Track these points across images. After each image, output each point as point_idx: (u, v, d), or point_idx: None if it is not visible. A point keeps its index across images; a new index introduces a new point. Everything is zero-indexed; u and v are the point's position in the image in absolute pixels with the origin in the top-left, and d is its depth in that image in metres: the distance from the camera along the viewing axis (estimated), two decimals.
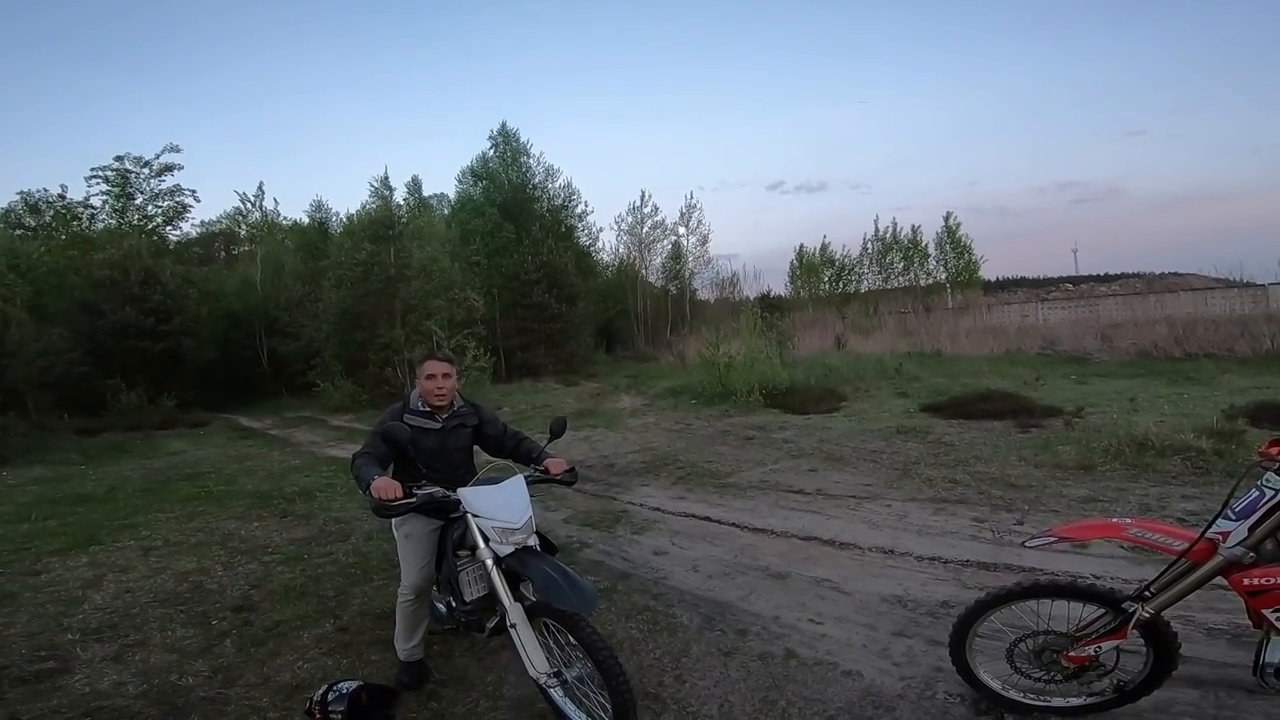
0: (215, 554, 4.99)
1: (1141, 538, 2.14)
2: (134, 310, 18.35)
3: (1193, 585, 2.05)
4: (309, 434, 13.18)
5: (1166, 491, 4.89)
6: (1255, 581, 1.92)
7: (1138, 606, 2.10)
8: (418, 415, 2.90)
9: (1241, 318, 16.70)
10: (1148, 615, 2.09)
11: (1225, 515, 1.99)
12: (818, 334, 20.46)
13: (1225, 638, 2.74)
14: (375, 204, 21.35)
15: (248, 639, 3.46)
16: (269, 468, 9.01)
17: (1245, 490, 2.00)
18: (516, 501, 2.58)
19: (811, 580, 3.84)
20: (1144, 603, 2.11)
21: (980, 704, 2.45)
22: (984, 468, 5.97)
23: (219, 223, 33.81)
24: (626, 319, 30.86)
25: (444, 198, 31.50)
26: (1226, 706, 2.33)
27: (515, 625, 2.41)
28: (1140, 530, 2.15)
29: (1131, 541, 2.17)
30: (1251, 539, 1.93)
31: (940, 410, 8.81)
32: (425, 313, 17.26)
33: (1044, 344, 16.55)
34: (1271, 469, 1.95)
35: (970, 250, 33.25)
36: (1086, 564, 3.55)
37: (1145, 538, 2.13)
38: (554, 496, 5.98)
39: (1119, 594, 2.21)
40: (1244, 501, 1.97)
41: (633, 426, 10.20)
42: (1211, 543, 1.99)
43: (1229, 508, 2.00)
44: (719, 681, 2.79)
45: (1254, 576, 1.92)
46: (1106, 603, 2.21)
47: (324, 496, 6.82)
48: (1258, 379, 10.24)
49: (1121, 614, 2.15)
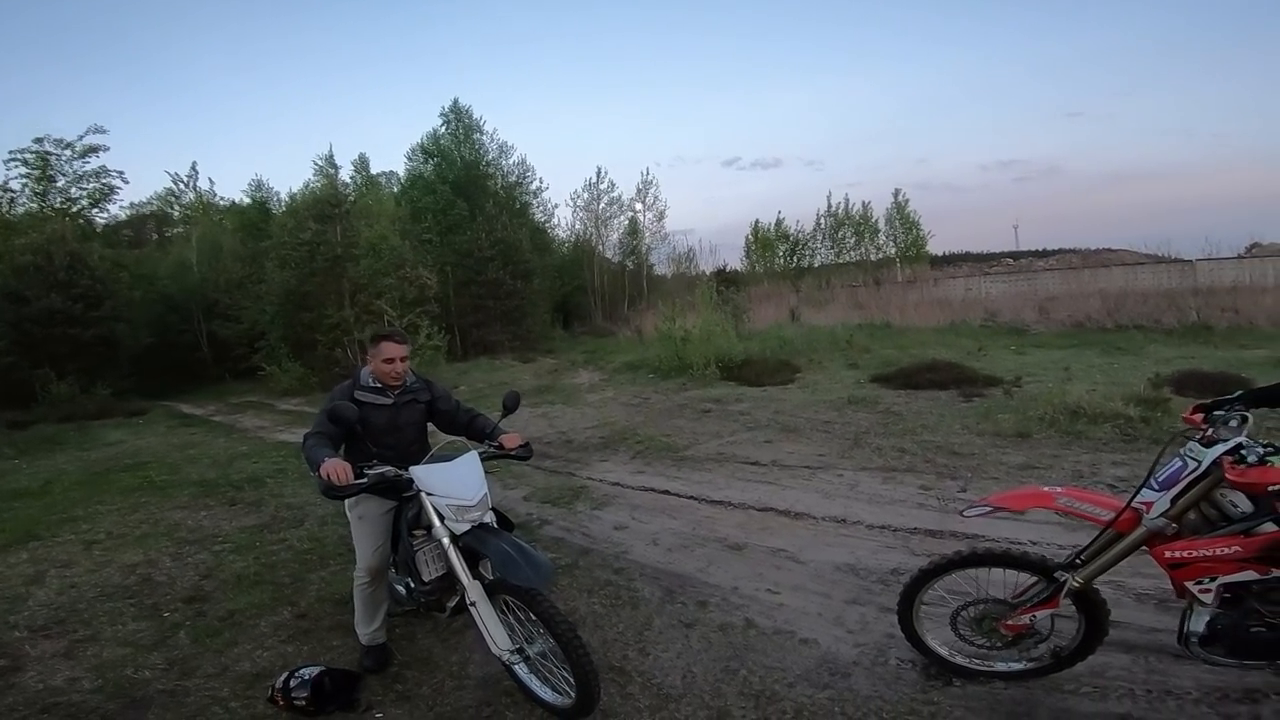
0: (162, 545, 4.84)
1: (1070, 507, 2.19)
2: (60, 296, 17.36)
3: (1119, 555, 2.11)
4: (256, 419, 12.76)
5: (1098, 458, 5.16)
6: (1176, 554, 1.96)
7: (1068, 576, 2.17)
8: (368, 391, 2.85)
9: (1169, 291, 17.60)
10: (1078, 584, 2.15)
11: (1149, 485, 2.03)
12: (772, 307, 20.76)
13: (1153, 603, 2.88)
14: (320, 182, 20.55)
15: (202, 630, 3.40)
16: (214, 455, 8.71)
17: (1169, 459, 2.04)
18: (470, 478, 2.57)
19: (768, 551, 3.95)
20: (1074, 571, 2.17)
21: (930, 669, 2.56)
22: (930, 436, 6.19)
23: (150, 204, 31.98)
24: (584, 295, 30.66)
25: (393, 176, 30.53)
26: (1156, 671, 2.45)
27: (475, 603, 2.42)
28: (1069, 500, 2.20)
29: (1061, 511, 2.22)
30: (1174, 510, 1.97)
31: (889, 381, 9.07)
32: (375, 292, 16.80)
33: (986, 316, 17.16)
34: (1194, 438, 2.01)
35: (918, 226, 34.15)
36: (1024, 530, 3.72)
37: (1074, 507, 2.19)
38: (512, 474, 5.97)
39: (1051, 563, 2.28)
40: (1167, 471, 2.01)
41: (591, 402, 10.21)
42: (1136, 513, 2.04)
43: (1153, 477, 2.04)
44: (681, 653, 2.86)
45: (1175, 549, 1.96)
46: (1039, 571, 2.28)
47: (274, 483, 6.64)
48: (1183, 349, 10.84)
49: (1053, 583, 2.22)
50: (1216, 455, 1.89)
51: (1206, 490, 1.94)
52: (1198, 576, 1.94)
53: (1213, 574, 1.92)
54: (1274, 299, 14.33)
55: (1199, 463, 1.93)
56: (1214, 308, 14.33)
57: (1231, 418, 1.97)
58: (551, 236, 31.93)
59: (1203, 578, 1.94)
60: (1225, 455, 1.87)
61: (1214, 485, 1.92)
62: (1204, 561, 1.92)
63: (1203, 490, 1.94)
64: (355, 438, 2.77)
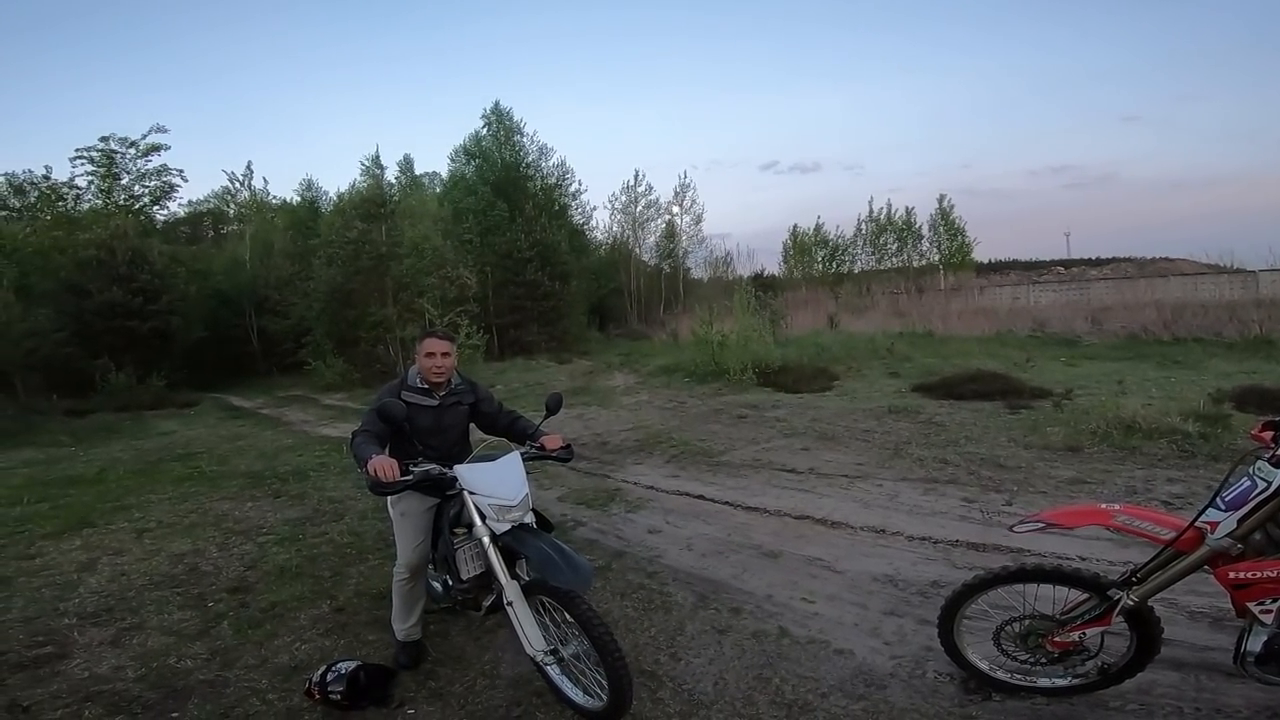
0: (209, 535, 4.98)
1: (1129, 525, 2.11)
2: (121, 290, 18.19)
3: (1179, 574, 2.03)
4: (301, 413, 13.09)
5: (1152, 474, 4.95)
6: (1242, 575, 1.90)
7: (1123, 594, 2.09)
8: (415, 392, 2.89)
9: (1230, 303, 16.84)
10: (1133, 602, 2.08)
11: (1215, 505, 1.95)
12: (810, 313, 20.54)
13: (1207, 621, 2.77)
14: (366, 183, 21.08)
15: (245, 621, 3.47)
16: (261, 447, 8.98)
17: (1237, 478, 1.96)
18: (512, 478, 2.58)
19: (804, 559, 3.88)
20: (1129, 589, 2.10)
21: (969, 683, 2.49)
22: (974, 448, 6.02)
23: (207, 202, 33.43)
24: (620, 297, 30.81)
25: (436, 176, 31.25)
26: (1206, 689, 2.36)
27: (512, 603, 2.42)
28: (1128, 518, 2.12)
29: (1119, 529, 2.14)
30: (1240, 531, 1.91)
31: (931, 390, 8.87)
32: (417, 291, 17.17)
33: (1034, 326, 16.66)
34: (1264, 456, 1.92)
35: (963, 232, 33.44)
36: (1073, 545, 3.59)
37: (1133, 525, 2.10)
38: (548, 475, 6.00)
39: (1104, 580, 2.20)
40: (1235, 491, 1.93)
41: (626, 404, 10.22)
42: (1199, 532, 1.97)
43: (1220, 497, 1.96)
44: (714, 659, 2.83)
45: (1240, 570, 1.91)
46: (1091, 589, 2.20)
47: (317, 476, 6.80)
48: (1244, 364, 10.34)
49: (1106, 600, 2.14)
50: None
51: (1275, 511, 1.86)
52: (1260, 598, 1.89)
53: (1276, 595, 1.87)
54: None
55: (1269, 483, 1.85)
56: (1278, 321, 13.64)
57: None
58: (589, 238, 32.20)
59: (1265, 599, 1.88)
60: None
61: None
62: (1270, 583, 1.86)
63: (1271, 511, 1.86)
64: (401, 437, 2.81)
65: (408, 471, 2.49)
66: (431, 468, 2.56)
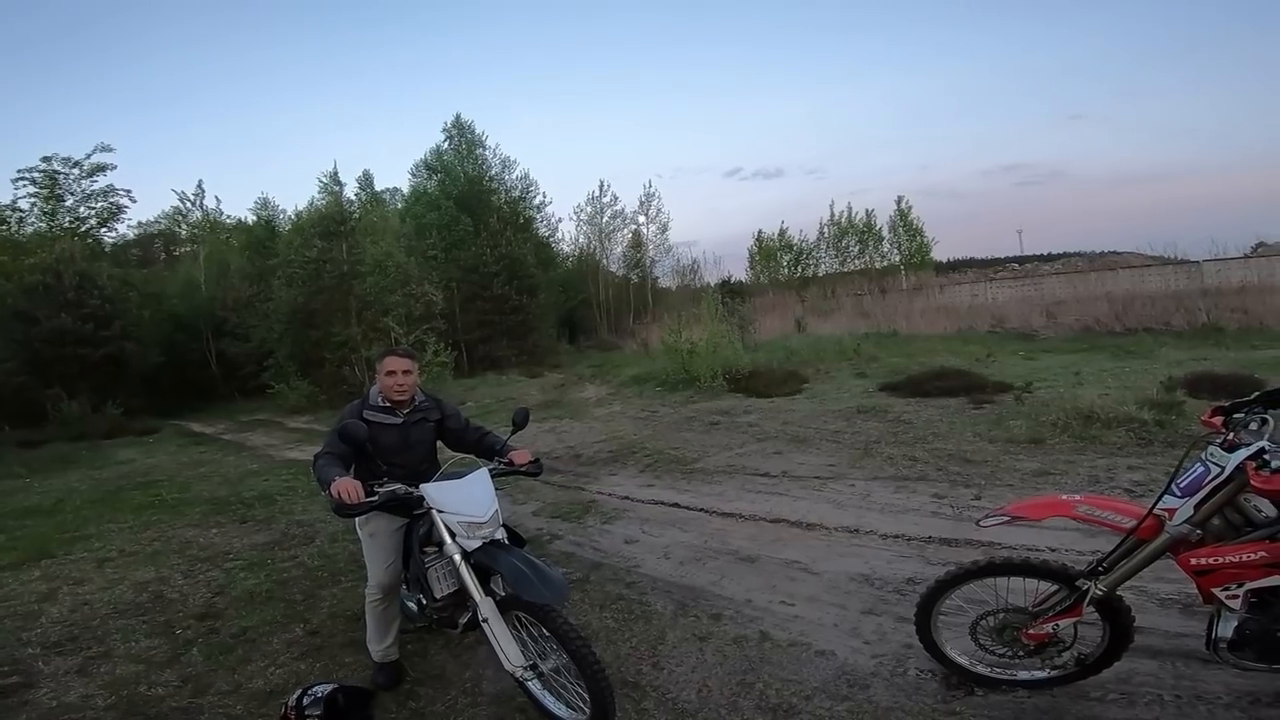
0: (174, 562, 4.87)
1: (1090, 515, 2.14)
2: (70, 316, 17.56)
3: (1143, 563, 2.06)
4: (265, 437, 12.80)
5: (1113, 463, 5.11)
6: (1202, 561, 1.92)
7: (1090, 584, 2.12)
8: (378, 411, 2.86)
9: (1177, 293, 17.53)
10: (1101, 592, 2.11)
11: (1171, 491, 1.99)
12: (778, 317, 20.76)
13: (1178, 608, 2.82)
14: (325, 200, 20.71)
15: (215, 647, 3.40)
16: (225, 473, 8.74)
17: (1190, 464, 2.00)
18: (481, 495, 2.57)
19: (781, 562, 3.91)
20: (1097, 579, 2.12)
21: (951, 680, 2.52)
22: (941, 444, 6.14)
23: (158, 223, 32.36)
24: (589, 308, 30.76)
25: (397, 192, 30.83)
26: (1185, 677, 2.40)
27: (487, 620, 2.41)
28: (1089, 508, 2.15)
29: (1081, 519, 2.18)
30: (1198, 517, 1.93)
31: (898, 389, 9.02)
32: (382, 309, 16.89)
33: (993, 322, 17.14)
34: (1216, 442, 1.96)
35: (922, 233, 34.05)
36: (1043, 537, 3.67)
37: (1094, 515, 2.14)
38: (522, 489, 5.95)
39: (1072, 571, 2.23)
40: (1189, 477, 1.96)
41: (598, 416, 10.19)
42: (1159, 519, 2.00)
43: (1175, 483, 1.99)
44: (696, 666, 2.83)
45: (1201, 556, 1.92)
46: (1060, 580, 2.23)
47: (285, 500, 6.65)
48: (1194, 351, 10.75)
49: (1075, 591, 2.17)
50: (1239, 460, 1.85)
51: (1230, 496, 1.90)
52: (1225, 583, 1.90)
53: (1240, 580, 1.88)
54: None
55: (1222, 468, 1.89)
56: (1223, 309, 14.25)
57: (1251, 420, 1.94)
58: (556, 251, 32.13)
59: (1230, 584, 1.90)
60: (1248, 460, 1.83)
61: (1238, 491, 1.88)
62: (1230, 568, 1.88)
63: (1226, 496, 1.90)
64: (366, 457, 2.78)
65: (373, 492, 2.47)
66: (397, 487, 2.54)
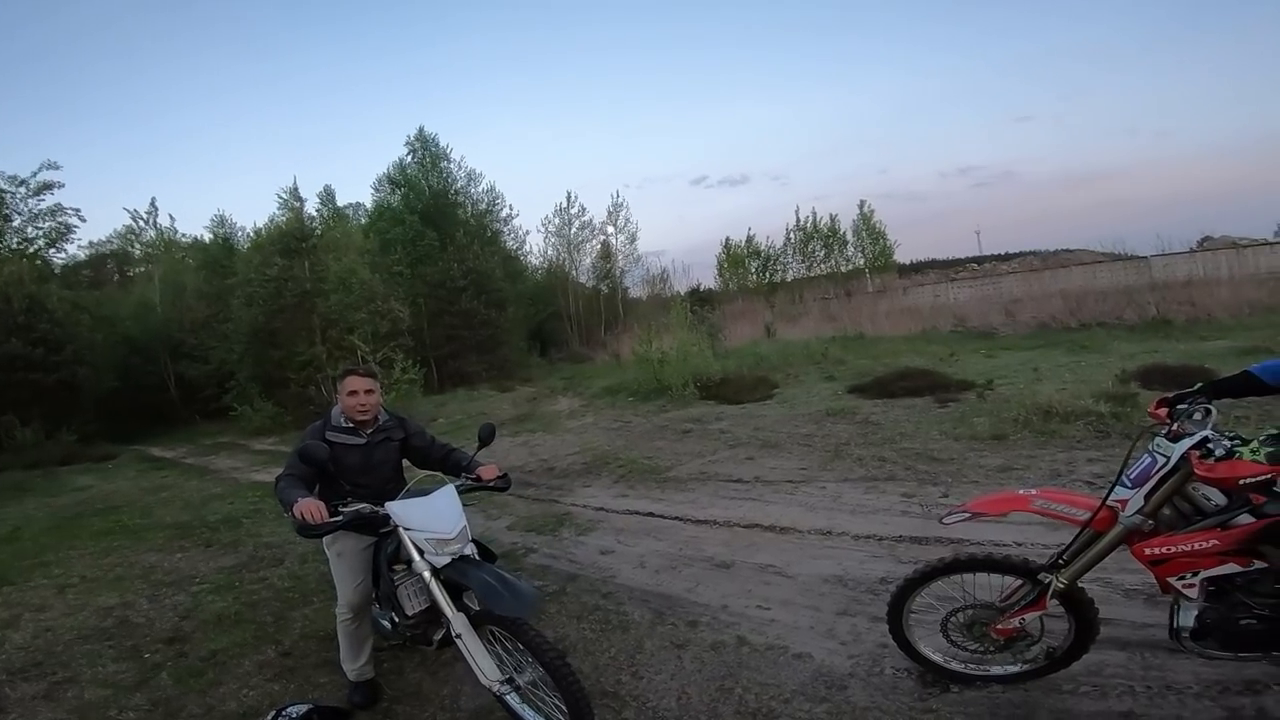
0: (137, 588, 4.78)
1: (1046, 509, 2.19)
2: (20, 341, 16.92)
3: (1100, 554, 2.10)
4: (229, 460, 12.51)
5: (1073, 456, 5.27)
6: (1156, 551, 1.95)
7: (1052, 577, 2.16)
8: (340, 432, 2.85)
9: (1127, 288, 18.14)
10: (1062, 585, 2.14)
11: (1122, 483, 2.03)
12: (748, 324, 20.91)
13: (1142, 598, 2.87)
14: (285, 216, 20.33)
15: (185, 670, 3.34)
16: (187, 497, 8.55)
17: (1139, 456, 2.04)
18: (448, 511, 2.57)
19: (756, 567, 3.94)
20: (1057, 572, 2.16)
21: (926, 677, 2.55)
22: (908, 444, 6.26)
23: (109, 243, 31.35)
24: (559, 321, 30.62)
25: (360, 207, 30.37)
26: (1154, 667, 2.44)
27: (460, 635, 2.40)
28: (1045, 502, 2.19)
29: (1038, 513, 2.22)
30: (1148, 507, 1.97)
31: (865, 390, 9.16)
32: (347, 327, 16.61)
33: (955, 322, 17.53)
34: (1161, 433, 2.02)
35: (885, 236, 34.82)
36: (1009, 532, 3.75)
37: (1050, 509, 2.18)
38: (495, 504, 5.90)
39: (1034, 565, 2.27)
40: (1138, 468, 2.01)
41: (571, 428, 10.15)
42: (1112, 511, 2.04)
43: (1125, 475, 2.04)
44: (675, 674, 2.84)
45: (1154, 546, 1.96)
46: (1023, 574, 2.27)
47: (251, 523, 6.53)
48: (1145, 344, 11.12)
49: (1038, 585, 2.20)
50: (1184, 450, 1.90)
51: (1178, 485, 1.94)
52: (1180, 572, 1.93)
53: (1194, 568, 1.92)
54: (1228, 291, 14.83)
55: (1168, 458, 1.93)
56: (1171, 302, 14.75)
57: (1195, 411, 1.99)
58: (524, 264, 31.97)
59: (1185, 573, 1.93)
60: (1192, 450, 1.88)
61: (1185, 480, 1.93)
62: (1184, 557, 1.91)
63: (1174, 485, 1.95)
64: (329, 477, 2.76)
65: (337, 512, 2.45)
66: (362, 507, 2.52)
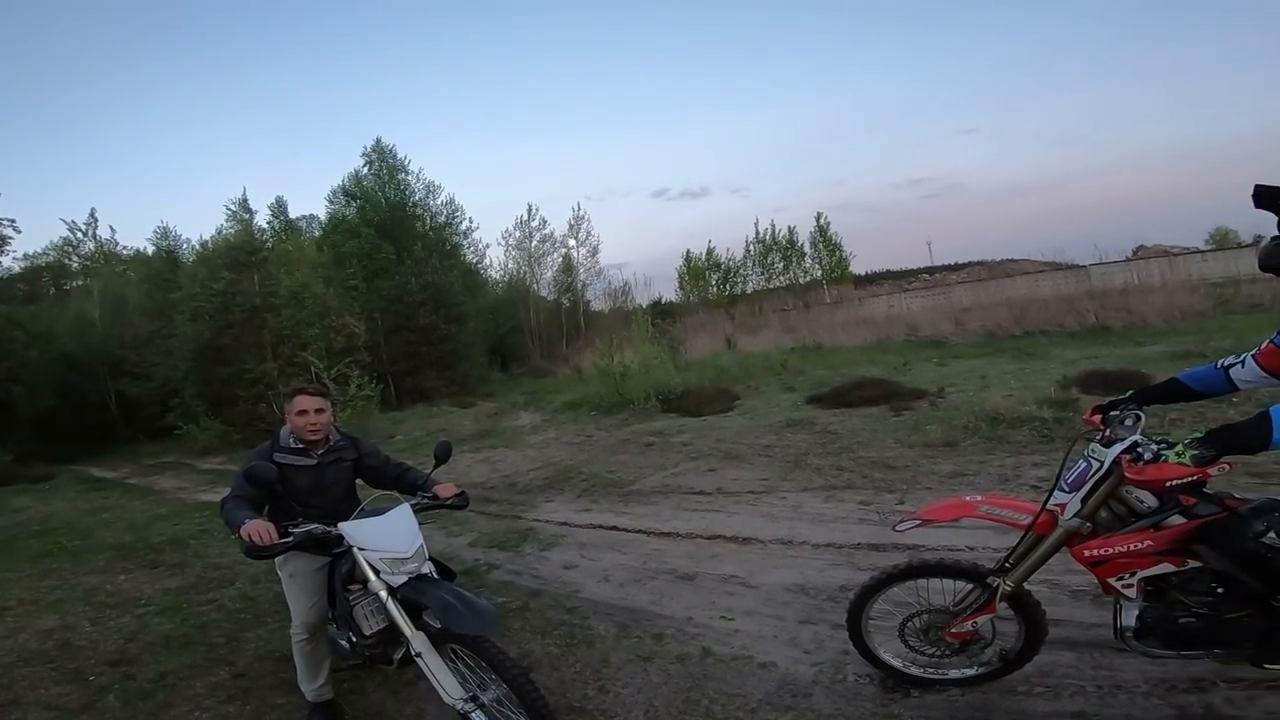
0: (79, 610, 4.62)
1: (991, 514, 2.25)
2: None
3: (1043, 557, 2.18)
4: (174, 480, 12.07)
5: (1020, 461, 5.46)
6: (1094, 553, 2.02)
7: (1000, 580, 2.23)
8: (289, 453, 2.79)
9: (1067, 296, 18.94)
10: (1009, 588, 2.21)
11: (1060, 487, 2.11)
12: (709, 336, 21.13)
13: (1089, 599, 2.96)
14: (234, 228, 19.77)
15: (133, 692, 3.23)
16: (130, 518, 8.27)
17: (1075, 461, 2.14)
18: (404, 530, 2.54)
19: (719, 578, 3.98)
20: (1004, 576, 2.23)
21: (887, 682, 2.60)
22: (865, 452, 6.40)
23: (45, 255, 30.02)
24: (520, 335, 30.41)
25: (314, 219, 29.76)
26: (1103, 666, 2.51)
27: (420, 654, 2.36)
28: (990, 507, 2.26)
29: (983, 519, 2.29)
30: (1085, 510, 2.05)
31: (823, 401, 9.31)
32: (300, 343, 16.18)
33: (909, 331, 18.02)
34: (1095, 438, 2.11)
35: (841, 248, 35.64)
36: (962, 536, 3.84)
37: (995, 514, 2.25)
38: (456, 520, 5.81)
39: (983, 569, 2.34)
40: (1074, 473, 2.10)
41: (533, 443, 10.08)
42: (1052, 515, 2.12)
43: (1063, 480, 2.11)
44: (641, 687, 2.84)
45: (1092, 547, 2.03)
46: (973, 578, 2.33)
47: (198, 544, 6.34)
48: (1085, 350, 11.58)
49: (988, 588, 2.27)
50: (1115, 455, 1.99)
51: (1112, 489, 2.03)
52: (1118, 572, 2.00)
53: (1131, 569, 1.99)
54: (1162, 297, 15.53)
55: (1101, 463, 2.02)
56: (1109, 309, 15.42)
57: (1126, 417, 2.10)
58: (485, 277, 31.75)
59: (1123, 573, 2.00)
60: (1123, 454, 1.98)
61: (1118, 484, 2.01)
62: (1121, 558, 1.99)
63: (1109, 489, 2.03)
64: (279, 498, 2.69)
65: (287, 533, 2.40)
66: (314, 527, 2.47)
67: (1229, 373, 2.11)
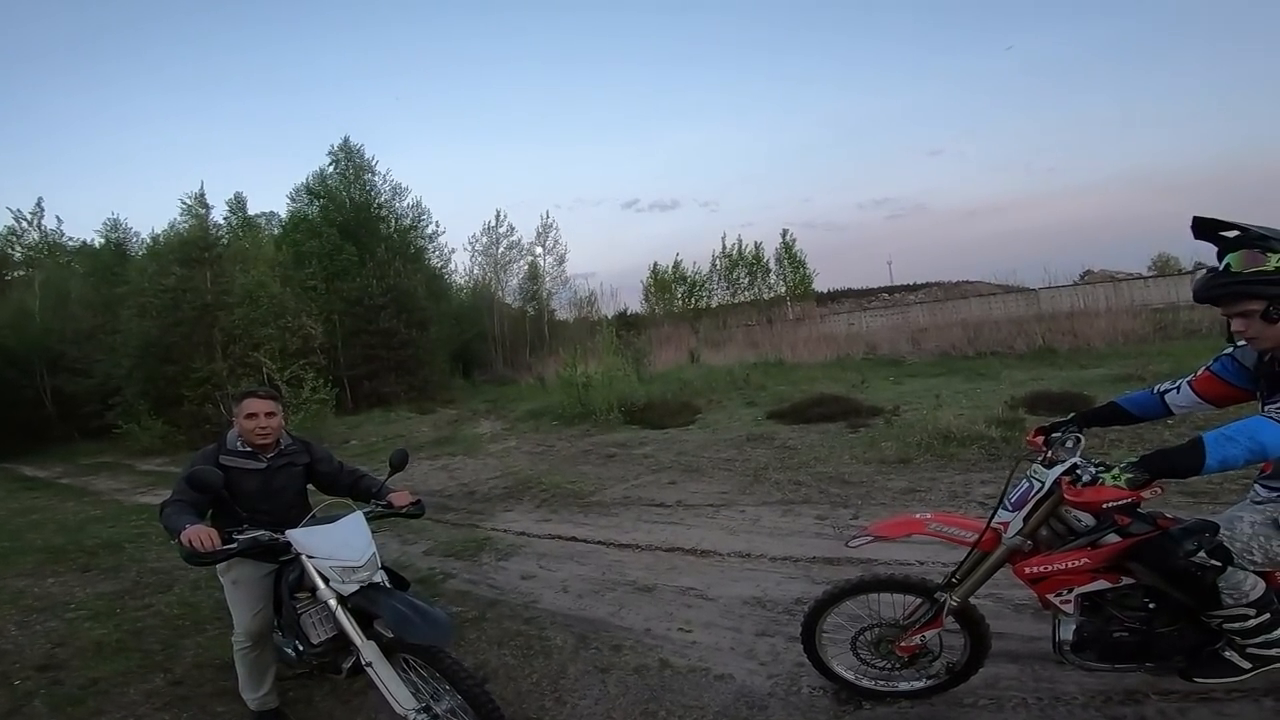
0: (4, 613, 4.46)
1: (939, 532, 2.34)
2: None
3: (987, 573, 2.26)
4: (111, 481, 11.59)
5: (969, 478, 5.63)
6: (1035, 570, 2.09)
7: (946, 595, 2.30)
8: (236, 456, 2.73)
9: (1017, 318, 19.60)
10: (956, 603, 2.28)
11: (1004, 506, 2.21)
12: (673, 349, 21.21)
13: (1030, 613, 3.06)
14: (188, 223, 19.10)
15: (62, 698, 3.12)
16: (62, 520, 7.94)
17: (1018, 481, 2.23)
18: (356, 539, 2.49)
19: (678, 590, 4.00)
20: (951, 591, 2.30)
21: (840, 694, 2.64)
22: (822, 468, 6.52)
23: None
24: (484, 342, 30.03)
25: (274, 217, 29.01)
26: (1044, 679, 2.58)
27: (371, 664, 2.31)
28: (938, 525, 2.35)
29: (932, 536, 2.37)
30: (1027, 528, 2.12)
31: (783, 416, 9.43)
32: (252, 343, 15.70)
33: (867, 349, 18.42)
34: (1037, 459, 2.21)
35: (805, 265, 36.33)
36: (914, 551, 3.93)
37: (942, 531, 2.33)
38: (413, 529, 5.71)
39: (930, 584, 2.42)
40: (1017, 492, 2.19)
41: (493, 451, 9.98)
42: (996, 533, 2.20)
43: (1006, 499, 2.19)
44: (599, 699, 2.84)
45: (1032, 564, 2.10)
46: (921, 593, 2.41)
47: (135, 547, 6.12)
48: (1033, 371, 11.97)
49: (935, 603, 2.34)
50: (1056, 476, 2.08)
51: (1052, 509, 2.12)
52: (1056, 589, 2.08)
53: (1069, 585, 2.08)
54: (1106, 322, 16.12)
55: (1042, 484, 2.12)
56: (1056, 332, 15.96)
57: (1067, 439, 2.21)
58: (449, 282, 31.30)
59: (1061, 589, 2.09)
60: (1063, 476, 2.06)
61: (1058, 504, 2.10)
62: (1059, 574, 2.08)
63: (1049, 509, 2.12)
64: (224, 503, 2.62)
65: (232, 539, 2.33)
66: (260, 534, 2.40)
67: (1164, 398, 2.26)
